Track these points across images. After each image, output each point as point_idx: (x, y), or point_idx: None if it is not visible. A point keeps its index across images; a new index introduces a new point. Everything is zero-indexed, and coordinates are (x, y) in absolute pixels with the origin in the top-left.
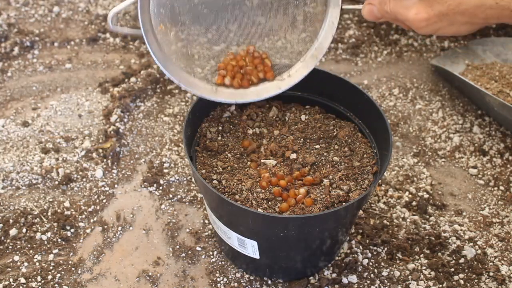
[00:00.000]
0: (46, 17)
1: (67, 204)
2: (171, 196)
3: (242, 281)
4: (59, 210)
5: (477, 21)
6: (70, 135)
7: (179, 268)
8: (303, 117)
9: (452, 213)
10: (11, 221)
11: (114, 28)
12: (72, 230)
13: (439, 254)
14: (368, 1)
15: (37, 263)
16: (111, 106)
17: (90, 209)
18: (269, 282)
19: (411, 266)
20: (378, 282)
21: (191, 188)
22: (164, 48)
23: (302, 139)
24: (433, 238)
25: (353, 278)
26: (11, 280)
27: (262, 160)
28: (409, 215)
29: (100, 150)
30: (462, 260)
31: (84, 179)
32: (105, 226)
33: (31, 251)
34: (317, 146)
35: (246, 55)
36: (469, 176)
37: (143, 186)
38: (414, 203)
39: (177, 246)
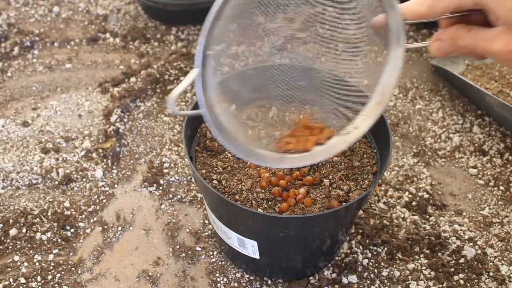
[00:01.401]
0: (46, 17)
1: (67, 204)
2: (171, 196)
3: (242, 281)
4: (59, 210)
5: None
6: (70, 135)
7: (179, 268)
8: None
9: (452, 213)
10: (11, 221)
11: (176, 113)
12: (72, 230)
13: (439, 254)
14: (437, 37)
15: (37, 263)
16: (111, 106)
17: (90, 209)
18: (269, 282)
19: (411, 266)
20: (378, 282)
21: (191, 188)
22: (226, 124)
23: None
24: (433, 238)
25: (353, 278)
26: (11, 280)
27: None
28: (409, 215)
29: (100, 150)
30: (462, 260)
31: (84, 179)
32: (105, 226)
33: (31, 251)
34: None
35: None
36: (469, 176)
37: (143, 186)
38: (414, 203)
39: (177, 246)
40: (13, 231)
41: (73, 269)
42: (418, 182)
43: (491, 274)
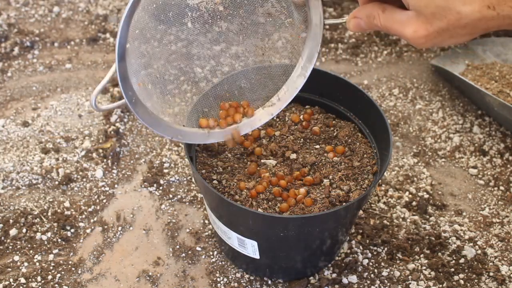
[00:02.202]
0: (46, 17)
1: (67, 204)
2: (171, 196)
3: (242, 281)
4: (59, 210)
5: (477, 32)
6: (70, 135)
7: (179, 268)
8: (303, 117)
9: (452, 213)
10: (11, 221)
11: (99, 109)
12: (72, 230)
13: (439, 254)
14: (353, 15)
15: (37, 263)
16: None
17: (90, 209)
18: (269, 282)
19: (411, 266)
20: (378, 282)
21: (191, 188)
22: (148, 105)
23: (302, 139)
24: (433, 238)
25: (353, 278)
26: (11, 280)
27: (262, 161)
28: (409, 215)
29: (100, 150)
30: (462, 260)
31: (84, 179)
32: (105, 226)
33: (31, 251)
34: (317, 146)
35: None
36: (469, 176)
37: (143, 186)
38: (414, 203)
39: (177, 246)
40: (13, 231)
41: (73, 269)
42: (418, 182)
43: (491, 274)
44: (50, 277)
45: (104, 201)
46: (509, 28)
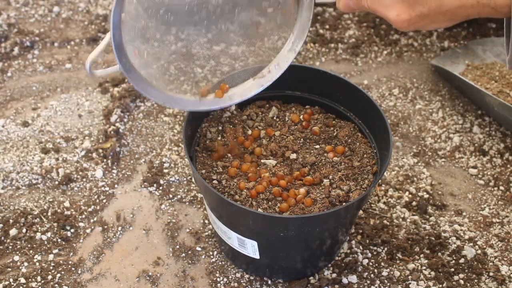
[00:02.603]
0: (46, 17)
1: (67, 204)
2: (171, 196)
3: (242, 281)
4: (59, 210)
5: (458, 18)
6: (70, 135)
7: (179, 268)
8: (303, 117)
9: (452, 213)
10: (11, 221)
11: (94, 74)
12: (72, 230)
13: (439, 254)
14: None
15: (37, 263)
16: (111, 106)
17: (90, 209)
18: (269, 282)
19: (411, 266)
20: (378, 282)
21: (191, 188)
22: (142, 73)
23: (302, 139)
24: (433, 238)
25: (353, 278)
26: (11, 280)
27: (262, 160)
28: (409, 215)
29: (100, 150)
30: (462, 260)
31: (84, 179)
32: (105, 226)
33: (31, 251)
34: (317, 146)
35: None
36: (469, 176)
37: (143, 186)
38: (414, 203)
39: (177, 246)
40: (13, 231)
41: (73, 269)
42: (418, 182)
43: (491, 274)
44: (50, 277)
45: (104, 201)
46: (490, 16)
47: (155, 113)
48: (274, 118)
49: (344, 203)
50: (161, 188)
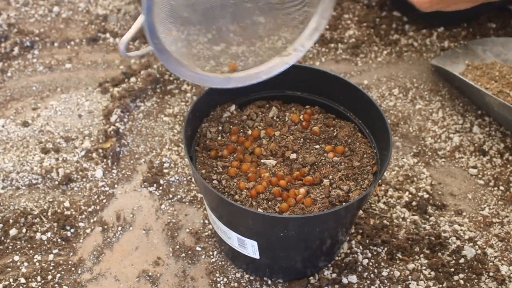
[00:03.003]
0: (46, 17)
1: (67, 204)
2: (171, 196)
3: (242, 281)
4: (59, 210)
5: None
6: (70, 135)
7: (179, 268)
8: (303, 117)
9: (452, 213)
10: (11, 221)
11: (128, 55)
12: (72, 230)
13: (439, 254)
14: None
15: (37, 263)
16: (111, 106)
17: (90, 209)
18: (269, 282)
19: (411, 266)
20: (378, 282)
21: (191, 188)
22: (173, 52)
23: (302, 139)
24: (433, 238)
25: (353, 278)
26: (11, 280)
27: (262, 160)
28: (409, 215)
29: (100, 150)
30: (462, 260)
31: (84, 179)
32: (105, 226)
33: (31, 251)
34: (317, 146)
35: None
36: (469, 176)
37: (143, 186)
38: (414, 203)
39: (177, 246)
40: (13, 231)
41: (73, 269)
42: (418, 182)
43: (491, 274)
44: (50, 277)
45: (104, 201)
46: None
47: (155, 113)
48: (274, 118)
49: (344, 203)
50: (161, 188)
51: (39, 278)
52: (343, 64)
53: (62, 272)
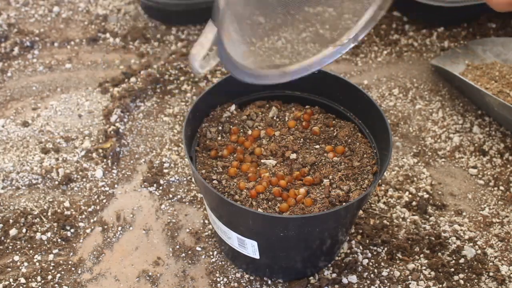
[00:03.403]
0: (46, 17)
1: (67, 204)
2: (171, 196)
3: (242, 281)
4: (59, 210)
5: None
6: (70, 135)
7: (179, 268)
8: (303, 117)
9: (452, 213)
10: (11, 221)
11: (203, 72)
12: (72, 230)
13: (439, 254)
14: None
15: (37, 263)
16: (111, 106)
17: (90, 209)
18: (269, 282)
19: (411, 266)
20: (378, 282)
21: (191, 188)
22: (234, 56)
23: (302, 139)
24: (433, 238)
25: (353, 278)
26: (11, 280)
27: (262, 160)
28: (409, 215)
29: (100, 150)
30: (462, 260)
31: (84, 179)
32: (105, 226)
33: (31, 251)
34: (317, 146)
35: None
36: (469, 176)
37: (143, 186)
38: (414, 203)
39: (177, 246)
40: (13, 231)
41: (73, 269)
42: (418, 182)
43: (491, 274)
44: (50, 277)
45: (104, 201)
46: None
47: (155, 113)
48: (274, 118)
49: (344, 203)
50: (161, 188)
51: (39, 278)
52: (343, 64)
53: (62, 272)
